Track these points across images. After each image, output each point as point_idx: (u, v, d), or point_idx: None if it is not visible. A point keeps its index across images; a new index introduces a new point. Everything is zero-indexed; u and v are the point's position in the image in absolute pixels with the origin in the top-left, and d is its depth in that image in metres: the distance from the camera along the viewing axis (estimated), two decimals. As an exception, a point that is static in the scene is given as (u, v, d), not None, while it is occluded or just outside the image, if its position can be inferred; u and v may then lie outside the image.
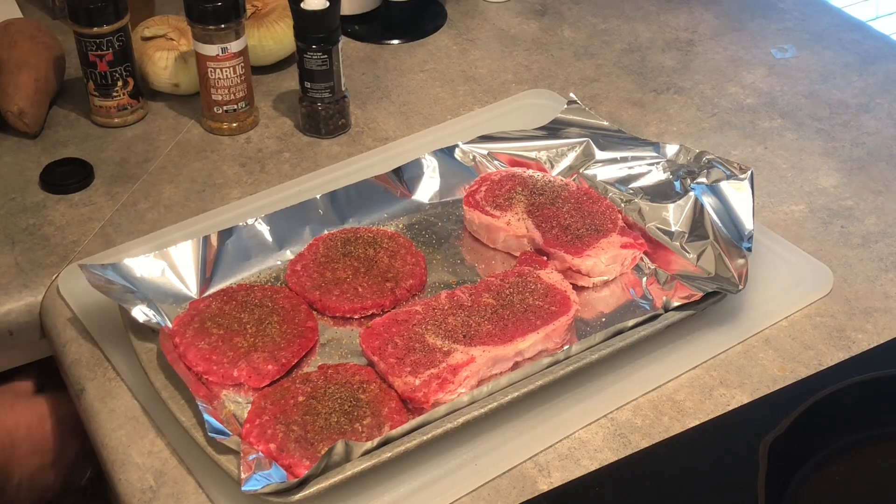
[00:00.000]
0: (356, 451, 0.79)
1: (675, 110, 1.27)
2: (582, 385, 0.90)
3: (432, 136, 1.20)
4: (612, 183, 1.08)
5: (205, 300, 0.95)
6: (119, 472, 0.85)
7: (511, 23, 1.44)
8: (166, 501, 0.82)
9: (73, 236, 1.08)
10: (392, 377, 0.87)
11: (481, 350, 0.88)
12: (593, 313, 0.97)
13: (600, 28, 1.43)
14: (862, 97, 1.28)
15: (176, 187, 1.14)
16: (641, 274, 1.01)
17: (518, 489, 0.83)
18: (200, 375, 0.89)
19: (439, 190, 1.10)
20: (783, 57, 1.37)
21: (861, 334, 0.96)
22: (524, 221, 1.03)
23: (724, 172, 1.04)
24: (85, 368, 0.94)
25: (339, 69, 1.17)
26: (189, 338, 0.90)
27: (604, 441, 0.86)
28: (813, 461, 0.82)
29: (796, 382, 0.91)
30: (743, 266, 0.94)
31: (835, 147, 1.20)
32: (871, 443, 0.84)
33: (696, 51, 1.38)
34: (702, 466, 0.85)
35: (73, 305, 0.99)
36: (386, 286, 0.97)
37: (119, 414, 0.89)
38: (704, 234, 0.99)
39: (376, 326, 0.91)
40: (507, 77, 1.32)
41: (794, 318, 0.98)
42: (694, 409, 0.89)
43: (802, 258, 1.03)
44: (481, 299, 0.93)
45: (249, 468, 0.77)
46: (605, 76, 1.33)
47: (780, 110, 1.27)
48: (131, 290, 0.93)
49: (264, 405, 0.85)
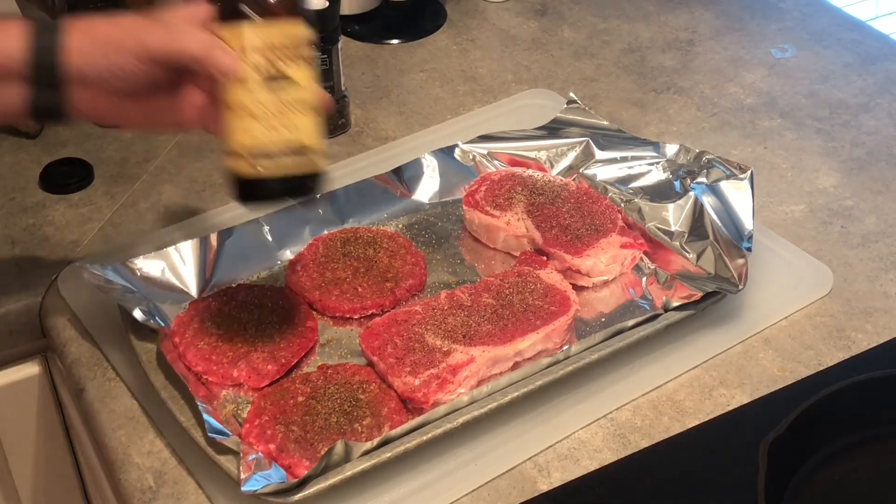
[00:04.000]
0: (356, 451, 0.79)
1: (675, 110, 1.27)
2: (582, 385, 0.90)
3: (432, 135, 1.20)
4: (611, 183, 1.08)
5: (205, 300, 0.95)
6: (119, 473, 0.85)
7: (511, 23, 1.44)
8: (166, 501, 0.82)
9: (73, 236, 1.08)
10: (392, 377, 0.87)
11: (481, 350, 0.88)
12: (593, 313, 0.97)
13: (600, 28, 1.43)
14: (862, 97, 1.28)
15: (176, 187, 1.14)
16: (641, 274, 1.01)
17: (518, 489, 0.83)
18: (200, 375, 0.89)
19: (439, 190, 1.10)
20: (783, 57, 1.37)
21: (861, 334, 0.96)
22: (524, 221, 1.03)
23: (724, 172, 1.04)
24: (84, 368, 0.94)
25: (338, 69, 1.17)
26: (189, 338, 0.90)
27: (604, 441, 0.86)
28: (813, 461, 0.82)
29: (796, 382, 0.91)
30: (743, 266, 0.94)
31: (835, 147, 1.20)
32: (871, 443, 0.84)
33: (696, 51, 1.38)
34: (702, 466, 0.85)
35: (73, 305, 0.99)
36: (386, 286, 0.97)
37: (119, 414, 0.89)
38: (704, 233, 0.99)
39: (376, 326, 0.91)
40: (506, 77, 1.32)
41: (794, 318, 0.98)
42: (694, 409, 0.89)
43: (802, 258, 1.03)
44: (481, 299, 0.93)
45: (249, 468, 0.77)
46: (605, 76, 1.33)
47: (780, 110, 1.27)
48: (131, 290, 0.93)
49: (264, 405, 0.85)
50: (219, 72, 0.77)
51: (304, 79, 0.78)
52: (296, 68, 0.77)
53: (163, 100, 0.81)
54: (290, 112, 0.77)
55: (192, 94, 0.81)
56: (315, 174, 0.80)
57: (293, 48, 0.77)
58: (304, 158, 0.78)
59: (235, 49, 0.77)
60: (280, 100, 0.77)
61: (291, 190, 0.80)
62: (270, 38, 0.77)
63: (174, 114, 0.82)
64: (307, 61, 0.78)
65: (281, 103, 0.77)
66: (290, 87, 0.77)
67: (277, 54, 0.77)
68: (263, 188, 0.79)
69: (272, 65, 0.77)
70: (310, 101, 0.79)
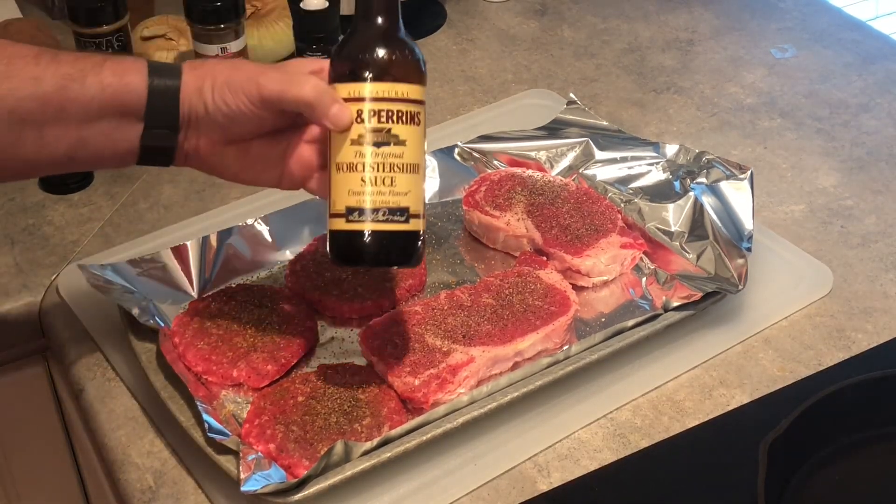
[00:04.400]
0: (356, 451, 0.79)
1: (675, 110, 1.27)
2: (581, 385, 0.90)
3: (432, 135, 1.19)
4: (611, 183, 1.08)
5: (204, 300, 0.95)
6: (118, 473, 0.85)
7: (511, 23, 1.44)
8: (166, 501, 0.82)
9: (73, 236, 1.08)
10: (391, 377, 0.87)
11: (481, 350, 0.88)
12: (593, 313, 0.97)
13: (600, 28, 1.43)
14: (862, 97, 1.28)
15: (175, 187, 1.14)
16: (641, 274, 1.01)
17: (518, 489, 0.83)
18: (200, 375, 0.88)
19: (439, 190, 1.10)
20: (783, 57, 1.37)
21: (861, 334, 0.96)
22: (524, 221, 1.03)
23: (724, 172, 1.04)
24: (84, 368, 0.94)
25: (338, 69, 1.17)
26: (188, 338, 0.90)
27: (603, 441, 0.86)
28: (813, 461, 0.82)
29: (796, 382, 0.91)
30: (743, 266, 0.94)
31: (835, 147, 1.20)
32: (871, 443, 0.84)
33: (696, 51, 1.38)
34: (702, 466, 0.85)
35: (72, 305, 0.98)
36: (385, 286, 0.97)
37: (118, 414, 0.89)
38: (704, 234, 0.99)
39: (376, 326, 0.91)
40: (506, 77, 1.32)
41: (794, 318, 0.98)
42: (694, 409, 0.89)
43: (802, 258, 1.03)
44: (481, 299, 0.93)
45: (249, 468, 0.77)
46: (605, 76, 1.33)
47: (779, 110, 1.27)
48: (131, 291, 0.93)
49: (264, 405, 0.85)
50: (329, 121, 0.76)
51: (413, 141, 0.77)
52: (405, 129, 0.76)
53: (268, 151, 0.81)
54: (394, 173, 0.76)
55: (300, 151, 0.81)
56: (413, 240, 0.78)
57: (405, 109, 0.76)
58: (403, 222, 0.77)
59: (348, 103, 0.76)
60: (385, 160, 0.76)
61: (387, 254, 0.78)
62: (384, 98, 0.76)
63: (278, 167, 0.82)
64: (417, 124, 0.77)
65: (386, 163, 0.76)
66: (398, 148, 0.76)
67: (389, 114, 0.76)
68: (359, 249, 0.77)
69: (382, 123, 0.76)
70: (415, 164, 0.78)
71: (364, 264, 0.80)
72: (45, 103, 0.74)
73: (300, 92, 0.76)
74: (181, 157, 0.81)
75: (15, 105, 0.73)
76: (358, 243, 0.77)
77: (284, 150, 0.81)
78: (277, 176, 0.82)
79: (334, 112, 0.76)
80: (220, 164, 0.82)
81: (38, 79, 0.73)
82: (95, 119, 0.76)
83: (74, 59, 0.76)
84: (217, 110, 0.77)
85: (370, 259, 0.78)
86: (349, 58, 0.77)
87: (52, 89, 0.74)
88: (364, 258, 0.78)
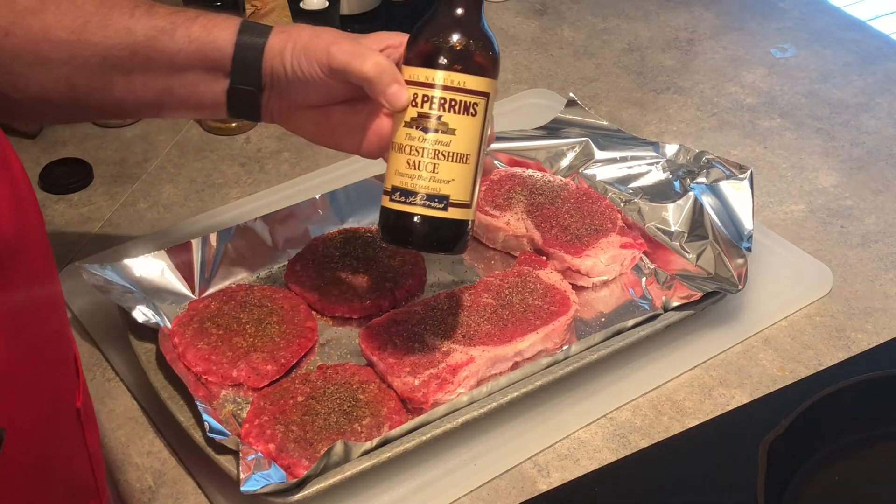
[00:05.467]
0: (355, 451, 0.79)
1: (675, 110, 1.27)
2: (581, 385, 0.90)
3: (432, 135, 1.20)
4: (611, 183, 1.08)
5: (204, 300, 0.95)
6: (118, 473, 0.85)
7: (511, 22, 1.44)
8: (166, 501, 0.82)
9: (73, 236, 1.08)
10: (391, 377, 0.87)
11: (481, 350, 0.88)
12: (593, 313, 0.97)
13: (600, 28, 1.43)
14: (862, 97, 1.28)
15: (175, 187, 1.14)
16: (641, 274, 1.01)
17: (517, 489, 0.83)
18: (200, 375, 0.88)
19: (439, 190, 1.10)
20: (783, 56, 1.37)
21: (861, 334, 0.96)
22: (523, 221, 1.03)
23: (724, 172, 1.04)
24: (84, 368, 0.93)
25: (338, 69, 1.17)
26: (188, 338, 0.90)
27: (603, 441, 0.86)
28: (813, 461, 0.82)
29: (796, 382, 0.91)
30: (742, 266, 0.94)
31: (834, 147, 1.20)
32: (871, 443, 0.84)
33: (696, 50, 1.38)
34: (702, 466, 0.85)
35: (72, 305, 0.98)
36: (385, 286, 0.97)
37: (118, 414, 0.89)
38: (704, 233, 0.99)
39: (375, 326, 0.91)
40: (506, 77, 1.32)
41: (794, 318, 0.98)
42: (693, 409, 0.89)
43: (802, 258, 1.03)
44: (481, 299, 0.93)
45: (248, 468, 0.77)
46: (605, 76, 1.33)
47: (779, 110, 1.27)
48: (130, 291, 0.93)
49: (263, 405, 0.85)
50: (386, 99, 0.77)
51: (465, 131, 0.78)
52: (456, 118, 0.77)
53: (348, 118, 0.82)
54: (438, 160, 0.77)
55: (379, 122, 0.81)
56: (451, 228, 0.79)
57: (460, 99, 0.77)
58: (441, 210, 0.77)
59: (410, 86, 0.77)
60: (431, 146, 0.77)
61: (422, 238, 0.78)
62: (437, 85, 0.76)
63: (358, 135, 0.83)
64: (473, 115, 0.78)
65: (431, 149, 0.77)
66: (445, 136, 0.77)
67: (442, 102, 0.77)
68: (397, 229, 0.78)
69: (432, 110, 0.77)
70: (464, 154, 0.78)
71: (400, 244, 0.80)
72: (134, 52, 0.78)
73: (362, 67, 0.77)
74: (267, 114, 0.84)
75: (106, 52, 0.77)
76: (397, 222, 0.78)
77: (365, 120, 0.82)
78: (358, 143, 0.84)
79: (392, 92, 0.77)
80: (302, 127, 0.85)
81: (131, 29, 0.78)
82: (182, 70, 0.79)
83: (169, 12, 0.79)
84: (294, 74, 0.79)
85: (404, 240, 0.79)
86: (415, 40, 0.78)
87: (143, 39, 0.78)
88: (400, 238, 0.79)
